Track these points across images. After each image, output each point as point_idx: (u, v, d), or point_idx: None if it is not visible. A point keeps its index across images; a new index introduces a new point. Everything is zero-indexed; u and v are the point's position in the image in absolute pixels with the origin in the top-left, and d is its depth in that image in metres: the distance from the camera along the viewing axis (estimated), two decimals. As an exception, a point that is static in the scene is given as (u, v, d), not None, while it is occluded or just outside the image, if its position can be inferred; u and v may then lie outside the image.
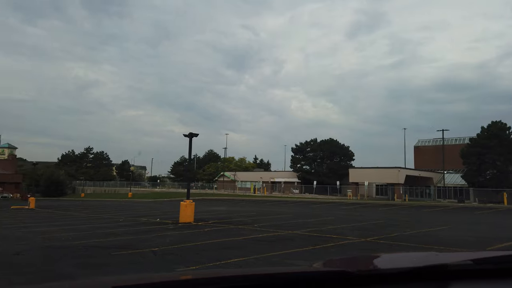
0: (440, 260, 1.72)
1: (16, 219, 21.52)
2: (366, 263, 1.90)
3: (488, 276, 1.53)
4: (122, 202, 47.61)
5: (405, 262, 1.72)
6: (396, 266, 1.59)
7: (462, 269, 1.55)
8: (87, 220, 20.80)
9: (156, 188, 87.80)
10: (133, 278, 1.40)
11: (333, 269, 1.58)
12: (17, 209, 33.20)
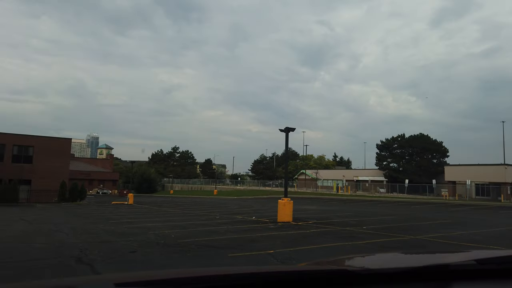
0: (442, 260, 1.75)
1: (120, 215, 22.62)
2: (368, 262, 1.95)
3: (491, 276, 1.50)
4: (210, 199, 48.98)
5: (407, 262, 1.77)
6: (398, 265, 1.59)
7: (464, 269, 1.53)
8: (184, 216, 21.07)
9: (237, 185, 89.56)
10: (135, 275, 1.41)
11: (333, 268, 1.58)
12: (117, 204, 35.52)
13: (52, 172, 40.50)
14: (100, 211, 25.87)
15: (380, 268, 1.55)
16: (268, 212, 23.65)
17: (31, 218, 19.22)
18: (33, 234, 12.77)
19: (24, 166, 40.51)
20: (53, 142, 42.58)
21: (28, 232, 13.48)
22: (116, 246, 10.36)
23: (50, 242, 11.05)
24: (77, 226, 15.37)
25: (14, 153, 40.91)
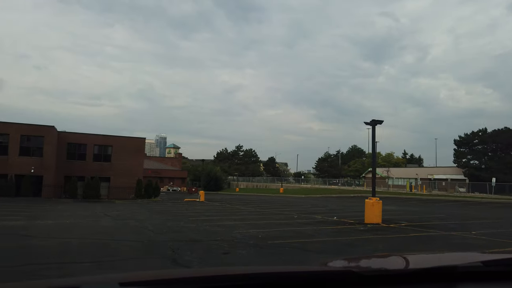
0: (449, 261, 1.78)
1: (196, 212, 22.62)
2: (373, 263, 1.93)
3: (498, 278, 1.49)
4: (277, 197, 48.36)
5: (413, 263, 1.73)
6: (403, 267, 1.58)
7: (471, 270, 1.51)
8: (260, 215, 20.44)
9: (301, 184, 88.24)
10: (139, 275, 1.42)
11: (338, 269, 1.59)
12: (190, 201, 36.15)
13: (128, 170, 42.44)
14: (176, 208, 26.24)
15: (386, 269, 1.52)
16: (346, 212, 22.25)
17: (114, 214, 19.78)
18: (121, 231, 12.80)
19: (103, 164, 42.92)
20: (129, 141, 44.64)
21: (116, 228, 13.60)
22: (206, 246, 9.83)
23: (139, 239, 10.85)
24: (159, 223, 15.32)
25: (95, 152, 43.49)
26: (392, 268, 1.57)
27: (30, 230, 12.28)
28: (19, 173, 36.19)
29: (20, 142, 37.62)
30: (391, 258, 2.14)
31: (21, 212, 19.40)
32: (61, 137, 41.33)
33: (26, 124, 38.54)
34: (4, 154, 36.83)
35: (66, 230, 12.55)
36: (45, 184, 37.81)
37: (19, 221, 15.14)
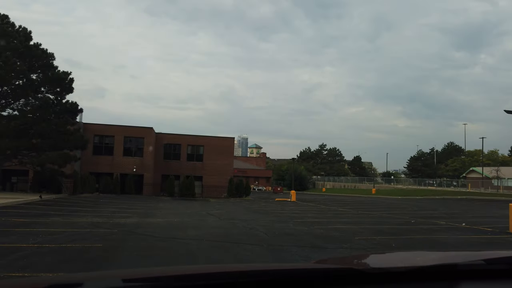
0: (451, 259, 1.72)
1: (296, 212, 21.54)
2: (374, 260, 1.87)
3: (500, 276, 1.48)
4: (371, 198, 45.54)
5: (414, 261, 1.72)
6: (405, 264, 1.56)
7: (473, 269, 1.50)
8: (368, 218, 18.60)
9: (390, 184, 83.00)
10: (143, 271, 1.43)
11: (339, 266, 1.55)
12: (282, 201, 35.30)
13: (218, 169, 43.16)
14: (271, 208, 25.47)
15: (387, 267, 1.54)
16: (470, 218, 19.35)
17: (216, 213, 19.52)
18: (233, 232, 12.09)
19: (196, 164, 44.22)
20: (219, 141, 45.43)
21: (226, 229, 12.97)
22: (338, 254, 8.51)
23: (256, 243, 9.94)
24: (267, 224, 14.43)
25: (188, 152, 45.02)
26: (393, 266, 1.55)
27: (145, 229, 12.17)
28: (123, 172, 38.71)
29: (123, 143, 40.35)
30: (391, 256, 2.10)
31: (128, 209, 20.12)
32: (159, 138, 43.50)
33: (128, 126, 41.24)
34: (110, 154, 39.74)
35: (180, 230, 12.21)
36: (145, 182, 40.02)
37: (131, 218, 15.40)
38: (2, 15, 24.40)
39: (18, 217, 13.80)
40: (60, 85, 25.71)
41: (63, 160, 24.76)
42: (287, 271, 1.44)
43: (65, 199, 24.95)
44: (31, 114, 23.86)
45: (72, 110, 26.29)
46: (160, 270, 1.36)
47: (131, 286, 1.18)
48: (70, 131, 26.11)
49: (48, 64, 25.40)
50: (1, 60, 21.57)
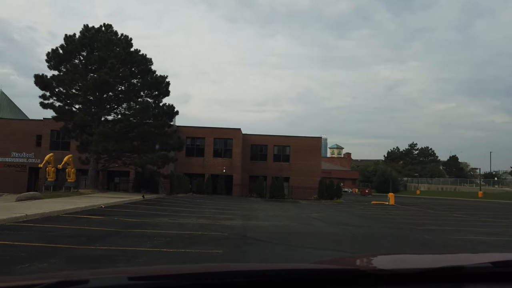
0: (457, 261, 1.70)
1: (407, 218, 19.21)
2: (379, 262, 1.90)
3: (507, 279, 1.46)
4: (481, 203, 40.37)
5: (420, 263, 1.71)
6: (411, 266, 1.56)
7: (479, 271, 1.48)
8: (507, 227, 15.67)
9: (494, 186, 74.06)
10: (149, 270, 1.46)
11: (343, 267, 1.54)
12: (380, 204, 32.66)
13: (306, 169, 41.76)
14: (374, 212, 23.30)
15: (392, 268, 1.52)
16: None
17: (318, 216, 18.13)
18: (359, 241, 10.56)
19: (283, 164, 43.34)
20: (306, 141, 43.99)
21: (345, 236, 11.50)
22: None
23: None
24: (388, 232, 12.63)
25: (275, 153, 44.33)
26: (399, 268, 1.54)
27: (256, 233, 11.25)
28: (213, 173, 39.32)
29: (213, 144, 41.04)
30: (397, 257, 2.16)
31: (227, 210, 19.68)
32: (245, 139, 43.50)
33: (217, 128, 41.87)
34: (201, 156, 40.67)
35: (295, 236, 11.07)
36: (234, 183, 40.20)
37: (234, 220, 14.72)
38: (106, 24, 25.93)
39: (128, 217, 13.89)
40: (158, 88, 26.55)
41: (162, 161, 25.46)
42: (289, 271, 1.42)
43: (164, 199, 25.63)
44: (133, 118, 24.92)
45: (169, 112, 27.00)
46: (165, 269, 1.42)
47: (136, 284, 1.18)
48: (168, 133, 26.84)
49: (147, 69, 26.39)
50: (107, 67, 22.72)
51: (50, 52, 24.74)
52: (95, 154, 25.34)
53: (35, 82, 24.74)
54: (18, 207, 14.50)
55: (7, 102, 74.04)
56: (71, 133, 27.63)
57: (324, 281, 1.33)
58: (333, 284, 1.33)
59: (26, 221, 11.07)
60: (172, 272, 1.35)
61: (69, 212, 14.05)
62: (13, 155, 39.16)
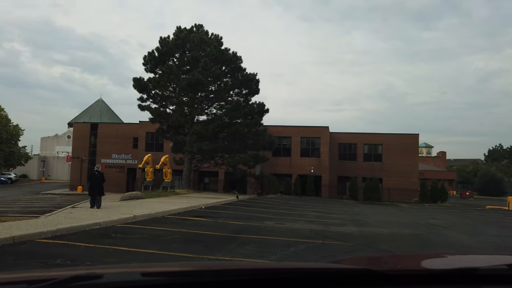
0: (472, 263, 1.68)
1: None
2: (392, 262, 1.85)
3: None
4: None
5: (433, 264, 1.69)
6: (424, 267, 1.54)
7: (494, 273, 1.46)
8: None
9: None
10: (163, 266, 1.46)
11: (355, 267, 1.51)
12: (495, 210, 28.31)
13: (400, 170, 38.35)
14: (500, 219, 19.79)
15: (406, 269, 1.51)
16: None
17: (439, 223, 15.59)
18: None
19: (374, 164, 40.30)
20: (400, 139, 40.40)
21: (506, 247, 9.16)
22: None
23: None
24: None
25: (365, 152, 41.47)
26: (411, 268, 1.54)
27: (383, 243, 9.47)
28: (300, 173, 37.87)
29: (300, 144, 39.60)
30: (411, 258, 2.05)
31: (328, 213, 18.06)
32: (332, 138, 41.32)
33: (304, 127, 40.32)
34: (287, 156, 39.47)
35: (432, 247, 9.06)
36: (323, 184, 38.30)
37: (346, 226, 13.04)
38: (197, 25, 25.96)
39: (232, 219, 13.01)
40: (248, 86, 25.86)
41: (254, 161, 24.68)
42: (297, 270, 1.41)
43: (257, 199, 24.83)
44: (225, 117, 24.51)
45: (259, 110, 26.18)
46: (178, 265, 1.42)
47: (149, 280, 1.19)
48: (259, 132, 26.01)
49: (237, 67, 25.86)
50: (200, 66, 22.52)
51: (147, 56, 25.50)
52: (190, 154, 25.46)
53: (134, 85, 25.66)
54: (124, 207, 14.53)
55: (106, 109, 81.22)
56: (166, 134, 28.24)
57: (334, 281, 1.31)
58: (345, 284, 1.31)
59: (134, 223, 10.68)
60: (183, 269, 1.37)
61: (172, 213, 13.63)
62: (113, 156, 41.87)
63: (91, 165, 42.33)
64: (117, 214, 11.19)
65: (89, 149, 42.61)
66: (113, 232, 8.94)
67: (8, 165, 56.82)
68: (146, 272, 1.24)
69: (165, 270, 1.33)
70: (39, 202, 19.77)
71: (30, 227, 7.96)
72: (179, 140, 25.66)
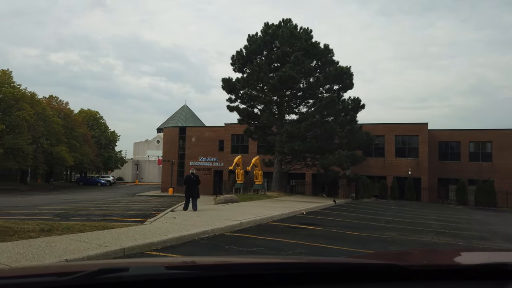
0: (501, 258, 1.64)
1: None
2: (419, 257, 1.83)
3: None
4: None
5: (461, 259, 1.65)
6: (451, 262, 1.50)
7: None
8: None
9: None
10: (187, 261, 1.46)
11: (381, 262, 1.51)
12: None
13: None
14: None
15: (434, 264, 1.49)
16: None
17: None
18: None
19: (482, 164, 35.29)
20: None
21: None
22: None
23: None
24: None
25: (470, 151, 36.62)
26: (439, 263, 1.52)
27: None
28: (396, 175, 34.61)
29: (395, 143, 36.26)
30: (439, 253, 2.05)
31: (450, 222, 15.33)
32: (431, 135, 37.17)
33: (399, 124, 36.86)
34: (381, 156, 36.35)
35: None
36: (422, 187, 34.55)
37: (493, 240, 10.50)
38: (285, 19, 24.67)
39: (348, 228, 11.26)
40: (341, 81, 23.84)
41: (351, 162, 22.54)
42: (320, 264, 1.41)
43: (354, 204, 22.66)
44: (318, 114, 22.78)
45: (354, 107, 23.98)
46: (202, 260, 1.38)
47: (174, 273, 1.22)
48: (355, 130, 23.81)
49: (329, 60, 24.00)
50: (291, 61, 21.12)
51: (235, 55, 24.89)
52: (281, 155, 24.20)
53: (222, 86, 25.22)
54: (222, 210, 13.62)
55: (190, 114, 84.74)
56: (254, 135, 27.39)
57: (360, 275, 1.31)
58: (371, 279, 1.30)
59: (242, 231, 9.51)
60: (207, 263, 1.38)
61: (276, 219, 12.32)
62: (201, 159, 42.57)
63: (180, 168, 43.68)
64: (221, 221, 10.15)
65: (178, 152, 43.91)
66: (225, 242, 7.80)
67: (107, 168, 61.53)
68: (171, 265, 1.26)
69: (189, 264, 1.33)
70: (137, 205, 20.02)
71: (139, 236, 7.12)
72: (269, 140, 24.56)
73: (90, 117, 58.84)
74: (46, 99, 48.63)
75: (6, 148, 36.03)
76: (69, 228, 7.40)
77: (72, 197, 27.68)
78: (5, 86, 38.15)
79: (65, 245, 5.90)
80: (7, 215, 13.02)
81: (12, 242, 5.85)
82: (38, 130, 40.65)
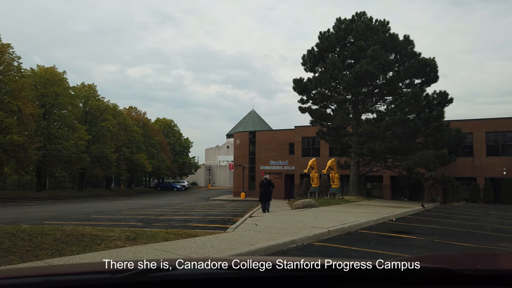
0: None
1: None
2: (472, 261, 1.75)
3: None
4: None
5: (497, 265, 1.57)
6: (506, 267, 1.44)
7: None
8: None
9: None
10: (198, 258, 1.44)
11: (432, 266, 1.42)
12: None
13: None
14: None
15: (487, 269, 1.43)
16: None
17: None
18: None
19: None
20: None
21: None
22: None
23: None
24: None
25: None
26: (494, 268, 1.43)
27: None
28: (487, 176, 30.97)
29: (486, 140, 32.55)
30: (493, 256, 1.93)
31: None
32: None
33: (491, 119, 33.05)
34: (469, 155, 32.84)
35: None
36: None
37: None
38: (359, 13, 23.27)
39: (447, 237, 9.79)
40: (424, 74, 21.75)
41: (440, 162, 20.35)
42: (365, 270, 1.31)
43: (444, 209, 20.42)
44: (400, 111, 20.96)
45: (440, 102, 21.73)
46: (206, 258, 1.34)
47: (222, 272, 1.21)
48: (442, 127, 21.55)
49: (410, 52, 22.06)
50: (368, 55, 19.68)
51: (306, 54, 24.02)
52: (358, 156, 22.75)
53: (294, 87, 24.48)
54: (303, 216, 12.79)
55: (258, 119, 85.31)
56: (327, 136, 26.20)
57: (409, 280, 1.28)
58: (419, 284, 1.28)
59: (331, 240, 8.62)
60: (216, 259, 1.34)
61: (364, 226, 11.20)
62: (271, 163, 42.18)
63: (251, 172, 43.72)
64: (307, 228, 9.34)
65: (249, 157, 43.97)
66: (317, 254, 7.00)
67: (182, 174, 64.03)
68: (220, 264, 1.25)
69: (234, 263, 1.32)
70: (213, 209, 20.00)
71: (225, 246, 6.60)
72: (344, 141, 23.24)
73: (166, 125, 61.72)
74: (126, 110, 51.93)
75: (93, 156, 38.88)
76: (154, 236, 7.14)
77: (152, 202, 28.80)
78: (91, 99, 41.35)
79: (151, 256, 5.55)
80: (95, 220, 13.53)
81: (99, 252, 5.65)
82: (120, 139, 43.41)
